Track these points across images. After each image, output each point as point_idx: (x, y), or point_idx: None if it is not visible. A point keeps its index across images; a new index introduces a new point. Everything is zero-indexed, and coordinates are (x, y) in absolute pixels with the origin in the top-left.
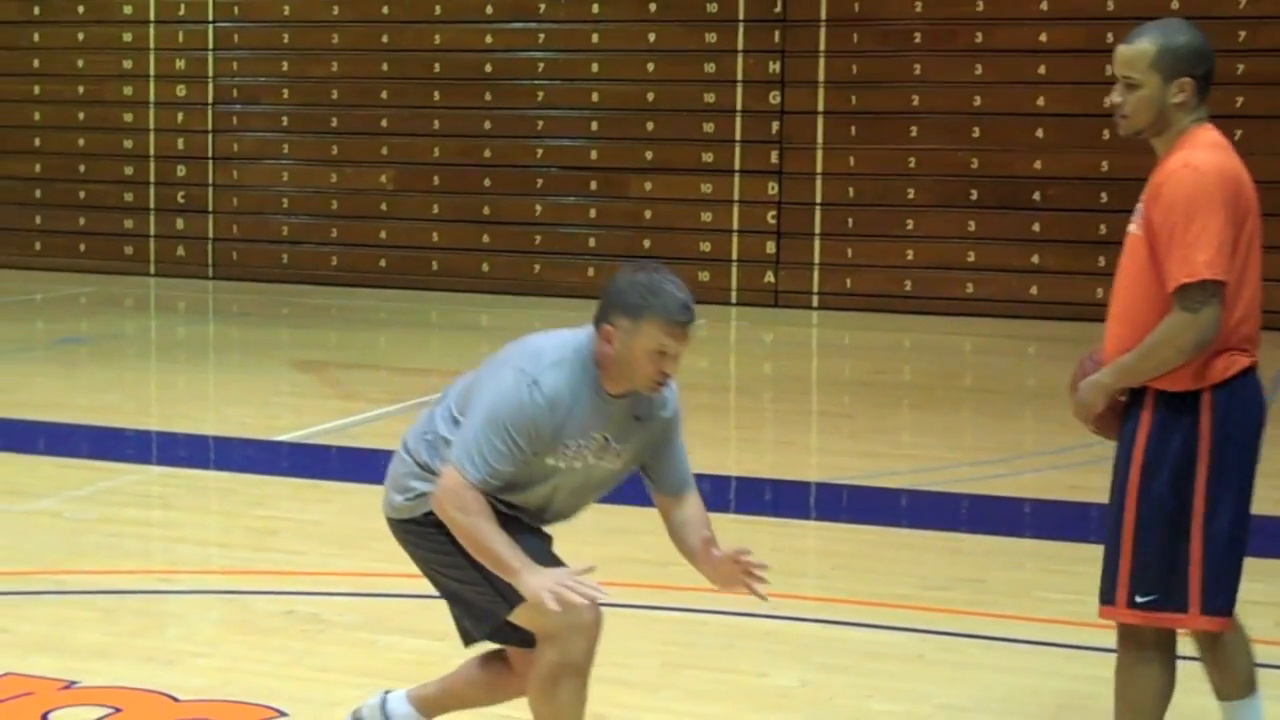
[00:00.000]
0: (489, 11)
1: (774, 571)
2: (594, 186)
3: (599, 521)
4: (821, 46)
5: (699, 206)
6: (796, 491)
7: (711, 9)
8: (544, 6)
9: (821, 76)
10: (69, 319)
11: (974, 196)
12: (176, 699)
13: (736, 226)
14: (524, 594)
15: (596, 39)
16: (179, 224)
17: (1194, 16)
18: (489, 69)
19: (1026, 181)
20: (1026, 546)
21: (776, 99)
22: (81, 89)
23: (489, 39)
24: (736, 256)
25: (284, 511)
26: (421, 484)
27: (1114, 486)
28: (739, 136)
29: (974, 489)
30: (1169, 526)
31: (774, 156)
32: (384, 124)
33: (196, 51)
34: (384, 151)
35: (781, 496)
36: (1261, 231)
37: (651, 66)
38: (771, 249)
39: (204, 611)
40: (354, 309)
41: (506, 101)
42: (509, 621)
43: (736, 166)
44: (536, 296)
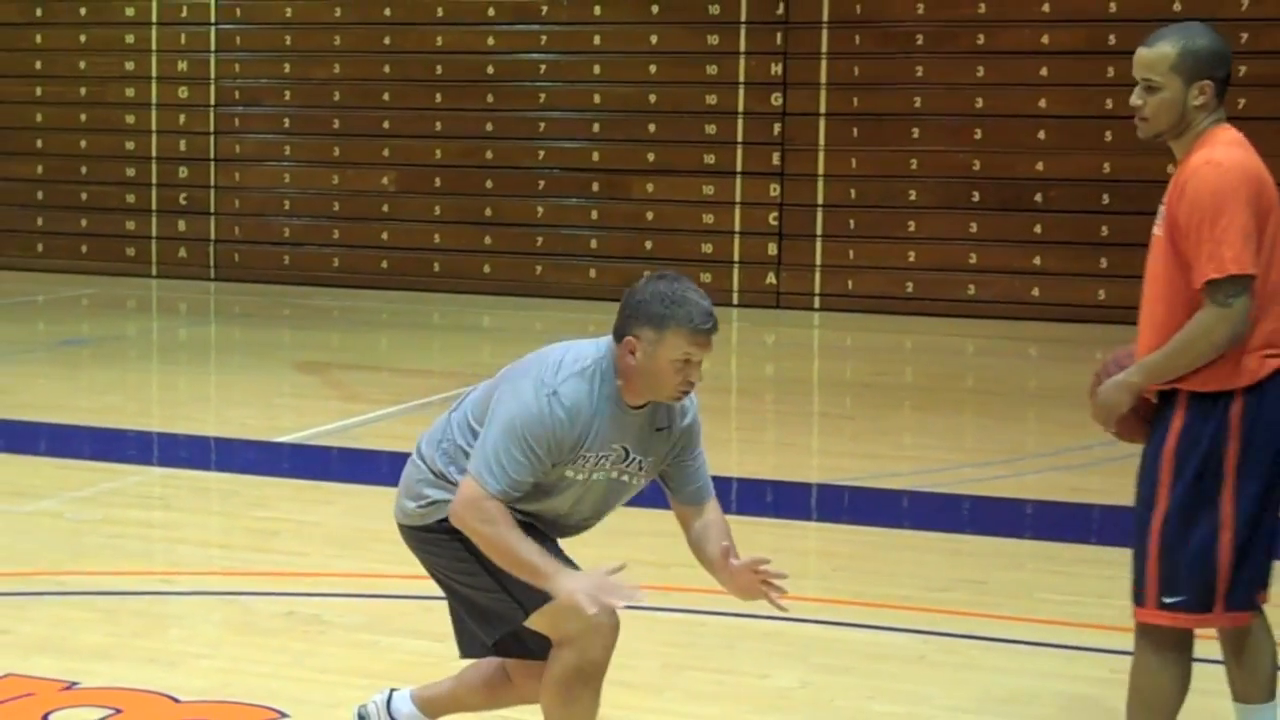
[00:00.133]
0: (491, 14)
1: (784, 589)
2: (596, 188)
3: (600, 523)
4: (823, 48)
5: (701, 208)
6: (798, 493)
7: (713, 11)
8: (546, 8)
9: (823, 78)
10: (71, 320)
11: (976, 198)
12: (177, 700)
13: (738, 228)
14: (559, 597)
15: (598, 41)
16: (181, 225)
17: (1196, 19)
18: (491, 71)
19: (1028, 183)
20: (1028, 548)
21: (778, 101)
22: (83, 91)
23: (491, 41)
24: (738, 258)
25: (285, 513)
26: (435, 491)
27: (1141, 488)
28: (741, 138)
29: (975, 490)
30: (1198, 528)
31: (776, 158)
32: (386, 126)
33: (198, 53)
34: (386, 153)
35: (783, 498)
36: None
37: (653, 68)
38: (773, 250)
39: (205, 613)
40: (356, 310)
41: (508, 103)
42: (514, 633)
43: (738, 168)
44: (538, 298)
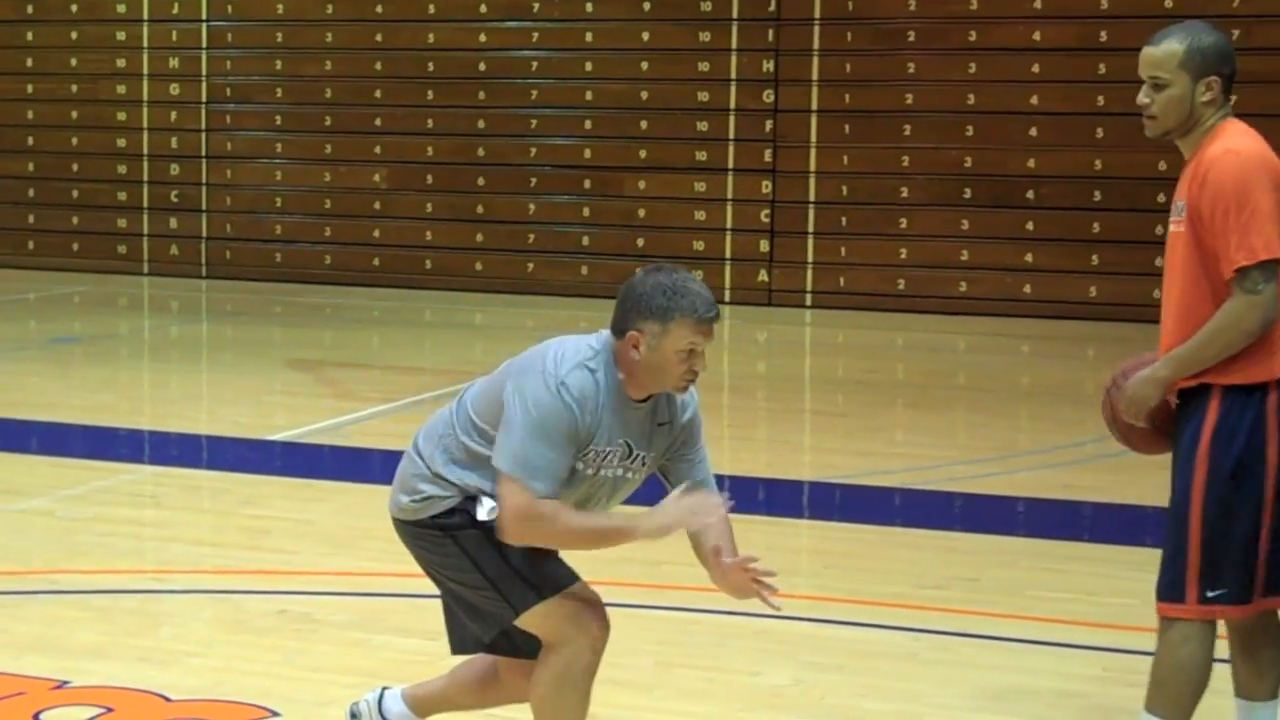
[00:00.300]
0: (483, 10)
1: (776, 588)
2: (588, 185)
3: None
4: (815, 45)
5: (693, 205)
6: (790, 490)
7: (705, 8)
8: (538, 5)
9: (815, 75)
10: (62, 318)
11: (967, 195)
12: (169, 699)
13: (730, 225)
14: (660, 534)
15: (590, 38)
16: (172, 223)
17: (1189, 15)
18: (483, 68)
19: (1020, 180)
20: (1020, 545)
21: (770, 97)
22: (75, 87)
23: (483, 38)
24: (730, 255)
25: (277, 511)
26: (429, 486)
27: (1177, 485)
28: (733, 135)
29: (968, 488)
30: (1240, 521)
31: (768, 155)
32: (378, 123)
33: (190, 50)
34: (378, 150)
35: (775, 495)
36: None
37: (645, 65)
38: (765, 247)
39: (197, 611)
40: (348, 308)
41: (500, 100)
42: (505, 632)
43: (730, 165)
44: (530, 295)
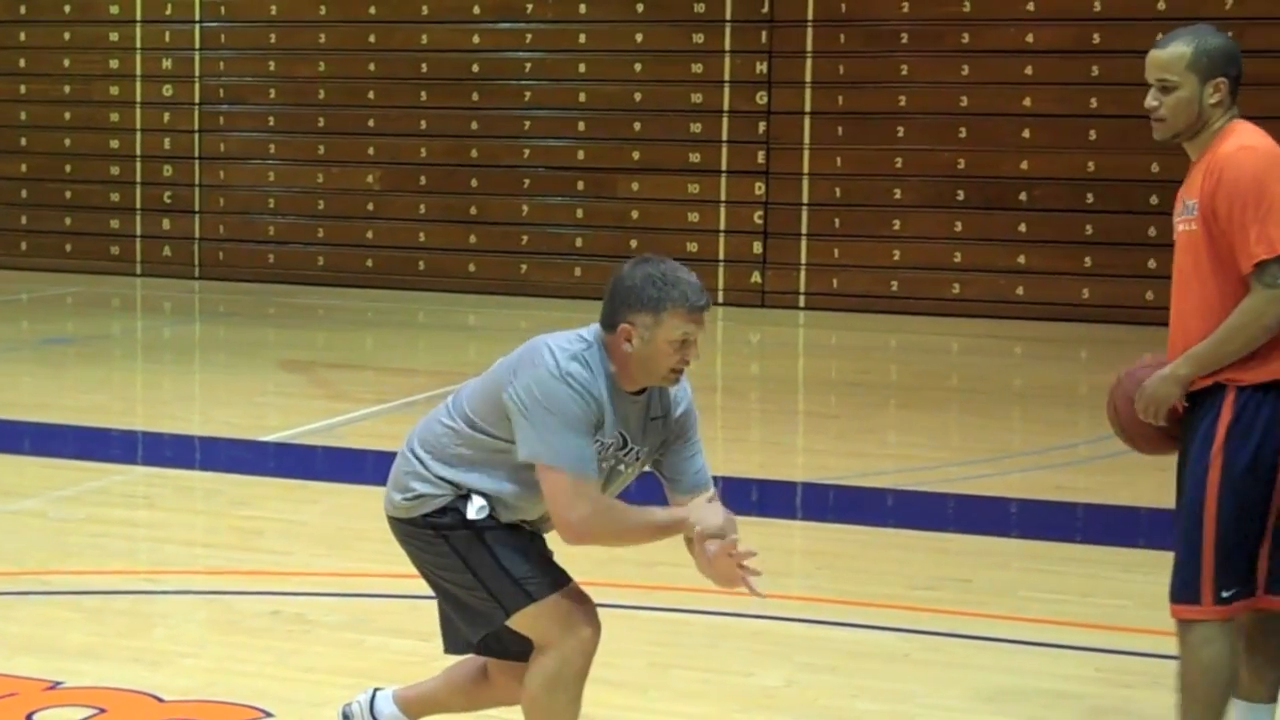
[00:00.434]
0: (476, 12)
1: (759, 571)
2: (581, 187)
3: None
4: (808, 47)
5: (686, 207)
6: (783, 491)
7: (698, 9)
8: (531, 7)
9: (808, 77)
10: (55, 319)
11: (961, 197)
12: (161, 699)
13: (723, 227)
14: (711, 529)
15: (584, 39)
16: (165, 224)
17: (1181, 18)
18: (476, 69)
19: (1013, 182)
20: (1013, 546)
21: (763, 99)
22: (68, 88)
23: (476, 39)
24: (723, 257)
25: (270, 512)
26: (421, 485)
27: (1189, 485)
28: (726, 137)
29: (960, 489)
30: (1254, 520)
31: (761, 157)
32: (371, 124)
33: (183, 51)
34: (371, 151)
35: (768, 496)
36: None
37: (639, 67)
38: (758, 249)
39: (190, 612)
40: (341, 309)
41: (494, 102)
42: (496, 633)
43: (723, 167)
44: (523, 297)
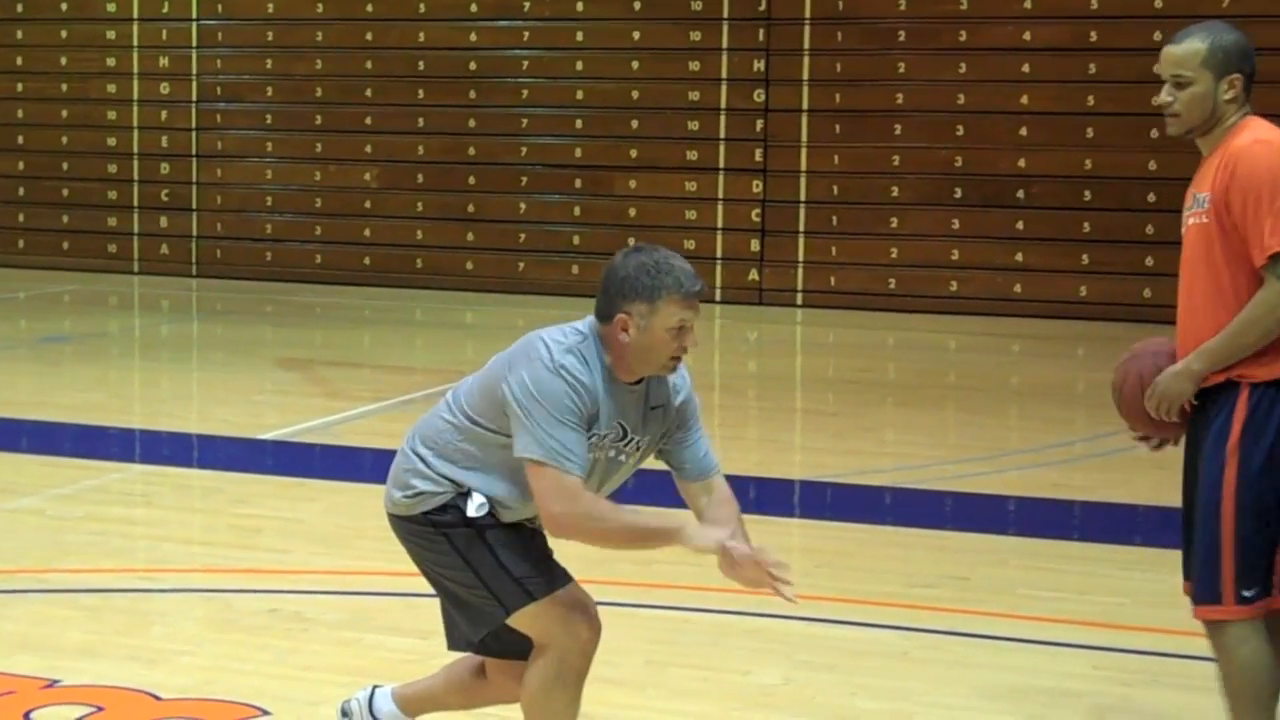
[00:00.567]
0: (473, 9)
1: (791, 582)
2: (578, 184)
3: None
4: (806, 45)
5: (683, 204)
6: (781, 489)
7: (696, 7)
8: (528, 4)
9: (806, 75)
10: (52, 317)
11: (958, 194)
12: (159, 698)
13: (721, 224)
14: (702, 549)
15: (581, 37)
16: (163, 222)
17: (1179, 16)
18: (473, 67)
19: (1010, 180)
20: (1010, 544)
21: (761, 97)
22: (65, 86)
23: (473, 37)
24: (721, 254)
25: (268, 510)
26: (421, 482)
27: (1204, 485)
28: (723, 134)
29: (958, 487)
30: (1270, 519)
31: (758, 154)
32: (368, 122)
33: (180, 49)
34: (368, 149)
35: (766, 494)
36: None
37: (636, 64)
38: (756, 247)
39: (188, 610)
40: (338, 307)
41: (491, 99)
42: (497, 632)
43: (721, 164)
44: (521, 294)
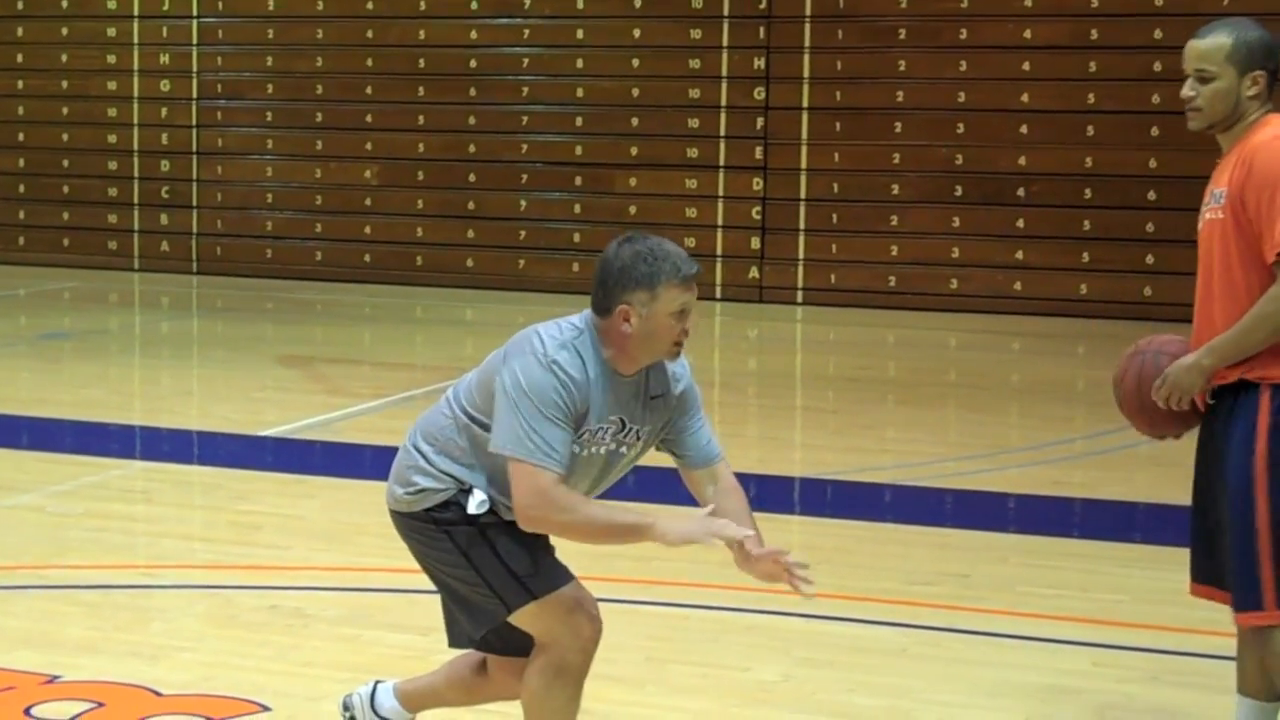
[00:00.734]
0: (474, 7)
1: (811, 580)
2: (579, 182)
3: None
4: (806, 42)
5: (684, 202)
6: (781, 486)
7: (696, 5)
8: (529, 2)
9: (806, 72)
10: (53, 314)
11: (958, 192)
12: (159, 693)
13: (721, 222)
14: (676, 542)
15: (581, 34)
16: (163, 219)
17: (1179, 14)
18: (474, 64)
19: (1011, 177)
20: (1011, 541)
21: (761, 95)
22: (65, 83)
23: (474, 34)
24: (721, 252)
25: (268, 506)
26: (423, 479)
27: (1234, 496)
28: (724, 132)
29: (958, 484)
30: None
31: (759, 152)
32: (369, 119)
33: (180, 46)
34: (368, 147)
35: (766, 491)
36: None
37: (636, 62)
38: (756, 245)
39: (188, 606)
40: (339, 304)
41: (491, 97)
42: (499, 630)
43: (721, 162)
44: (521, 292)
